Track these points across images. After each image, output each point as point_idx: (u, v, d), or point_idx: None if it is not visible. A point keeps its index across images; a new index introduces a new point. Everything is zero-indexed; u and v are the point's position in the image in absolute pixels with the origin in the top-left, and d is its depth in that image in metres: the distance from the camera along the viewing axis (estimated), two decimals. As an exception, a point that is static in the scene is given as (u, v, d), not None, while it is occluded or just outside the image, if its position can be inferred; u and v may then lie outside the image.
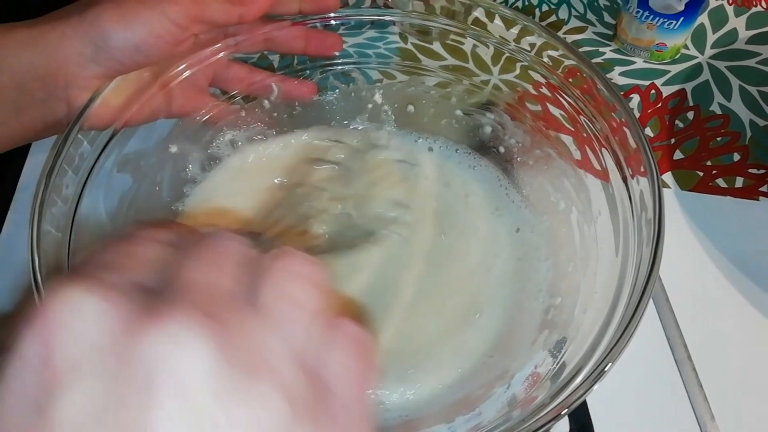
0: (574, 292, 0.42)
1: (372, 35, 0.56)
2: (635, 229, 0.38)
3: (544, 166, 0.48)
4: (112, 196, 0.44)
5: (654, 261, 0.35)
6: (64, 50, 0.40)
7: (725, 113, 0.59)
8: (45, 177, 0.38)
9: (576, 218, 0.45)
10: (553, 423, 0.32)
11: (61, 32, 0.40)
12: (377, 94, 0.53)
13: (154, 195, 0.47)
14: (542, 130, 0.48)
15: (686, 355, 0.46)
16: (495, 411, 0.38)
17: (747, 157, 0.56)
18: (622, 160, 0.41)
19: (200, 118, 0.49)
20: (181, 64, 0.45)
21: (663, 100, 0.61)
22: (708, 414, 0.44)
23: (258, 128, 0.52)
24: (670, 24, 0.59)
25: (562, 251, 0.45)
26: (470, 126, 0.52)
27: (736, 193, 0.55)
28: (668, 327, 0.47)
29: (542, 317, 0.43)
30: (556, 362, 0.39)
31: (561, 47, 0.45)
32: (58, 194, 0.39)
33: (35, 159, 0.56)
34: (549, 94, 0.47)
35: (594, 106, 0.43)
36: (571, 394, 0.32)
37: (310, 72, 0.52)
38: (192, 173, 0.50)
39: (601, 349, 0.34)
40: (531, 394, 0.38)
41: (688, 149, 0.57)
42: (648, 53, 0.62)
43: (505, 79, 0.50)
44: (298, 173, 0.50)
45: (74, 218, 0.39)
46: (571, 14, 0.67)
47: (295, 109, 0.53)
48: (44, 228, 0.37)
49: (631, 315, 0.34)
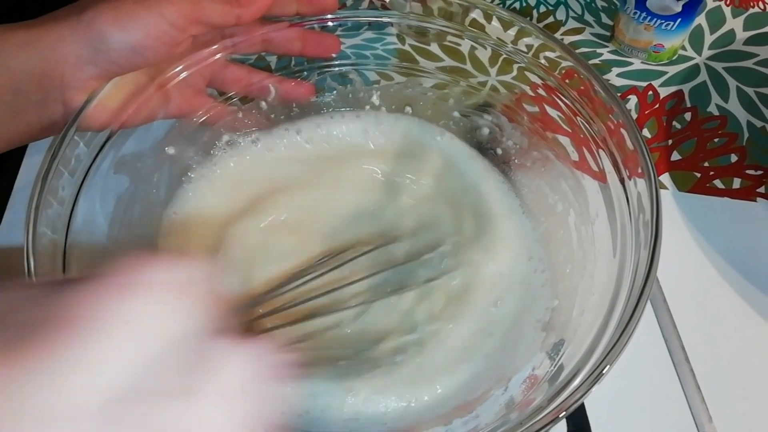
0: (571, 294, 0.42)
1: (369, 36, 0.56)
2: (633, 231, 0.38)
3: (542, 168, 0.48)
4: (109, 198, 0.44)
5: (651, 263, 0.35)
6: (62, 52, 0.40)
7: (723, 114, 0.59)
8: (41, 179, 0.38)
9: (573, 220, 0.45)
10: (552, 425, 0.32)
11: (59, 34, 0.40)
12: (375, 96, 0.53)
13: (152, 197, 0.47)
14: (540, 132, 0.48)
15: (684, 357, 0.46)
16: (493, 413, 0.38)
17: (744, 158, 0.56)
18: (620, 162, 0.41)
19: (197, 119, 0.49)
20: (179, 65, 0.45)
21: (660, 102, 0.61)
22: (705, 415, 0.44)
23: (255, 130, 0.52)
24: (668, 25, 0.59)
25: (559, 253, 0.45)
26: (468, 128, 0.52)
27: (734, 194, 0.55)
28: (666, 328, 0.47)
29: (540, 319, 0.43)
30: (554, 364, 0.39)
31: (558, 49, 0.45)
32: (54, 196, 0.39)
33: (32, 160, 0.56)
34: (546, 95, 0.47)
35: (591, 108, 0.43)
36: (570, 397, 0.33)
37: (307, 73, 0.52)
38: (189, 175, 0.50)
39: (599, 351, 0.34)
40: (528, 397, 0.38)
41: (685, 150, 0.57)
42: (645, 54, 0.62)
43: (503, 81, 0.50)
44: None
45: (70, 220, 0.39)
46: (568, 15, 0.67)
47: (292, 111, 0.52)
48: (40, 230, 0.36)
49: (629, 317, 0.34)
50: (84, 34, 0.40)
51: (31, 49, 0.40)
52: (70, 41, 0.40)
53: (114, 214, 0.44)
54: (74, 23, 0.40)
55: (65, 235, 0.39)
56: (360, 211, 0.49)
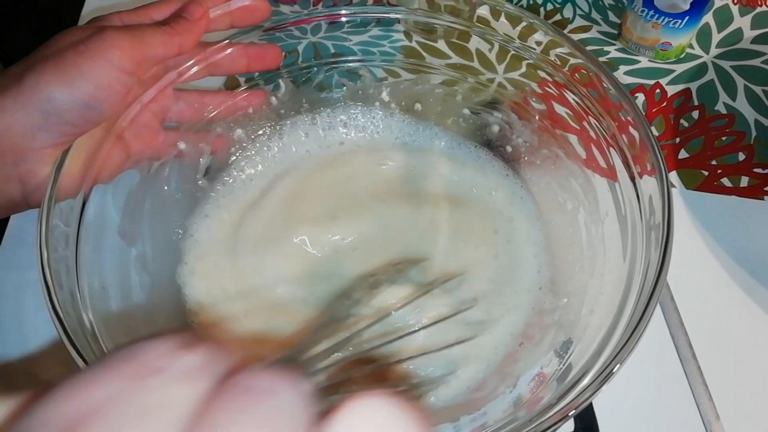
0: (580, 292, 0.42)
1: (377, 33, 0.56)
2: (643, 231, 0.38)
3: (552, 166, 0.48)
4: (120, 192, 0.44)
5: (662, 265, 0.35)
6: (6, 124, 0.36)
7: (730, 113, 0.59)
8: (54, 171, 0.38)
9: (583, 219, 0.45)
10: (561, 423, 0.32)
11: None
12: (384, 92, 0.53)
13: (162, 192, 0.47)
14: (549, 129, 0.48)
15: (691, 354, 0.46)
16: (501, 411, 0.38)
17: (752, 157, 0.56)
18: (630, 159, 0.41)
19: (207, 114, 0.49)
20: (131, 110, 0.43)
21: (668, 100, 0.60)
22: (713, 413, 0.44)
23: (265, 125, 0.52)
24: (675, 23, 0.59)
25: (568, 251, 0.45)
26: (477, 125, 0.52)
27: (741, 193, 0.55)
28: (673, 326, 0.47)
29: (549, 317, 0.43)
30: (562, 363, 0.39)
31: (567, 45, 0.45)
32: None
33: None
34: (555, 92, 0.47)
35: (601, 105, 0.43)
36: (579, 395, 0.33)
37: (316, 69, 0.52)
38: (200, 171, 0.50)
39: (608, 350, 0.34)
40: (537, 395, 0.38)
41: (693, 148, 0.57)
42: (653, 52, 0.62)
43: (511, 78, 0.50)
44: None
45: (82, 213, 0.39)
46: (575, 13, 0.67)
47: (302, 107, 0.52)
48: (53, 222, 0.36)
49: (640, 317, 0.34)
50: (29, 101, 0.36)
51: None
52: (14, 111, 0.36)
53: (126, 207, 0.44)
54: (15, 91, 0.36)
55: (77, 227, 0.39)
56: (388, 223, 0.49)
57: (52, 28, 0.40)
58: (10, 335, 0.47)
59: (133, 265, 0.43)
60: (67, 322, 0.33)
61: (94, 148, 0.41)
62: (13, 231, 0.52)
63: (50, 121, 0.37)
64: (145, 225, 0.45)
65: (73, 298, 0.36)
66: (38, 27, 0.74)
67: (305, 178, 0.50)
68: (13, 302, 0.49)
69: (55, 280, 0.34)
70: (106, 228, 0.42)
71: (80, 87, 0.37)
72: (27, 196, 0.39)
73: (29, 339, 0.47)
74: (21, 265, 0.50)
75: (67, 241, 0.38)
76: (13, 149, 0.37)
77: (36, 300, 0.34)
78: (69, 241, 0.38)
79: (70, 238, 0.38)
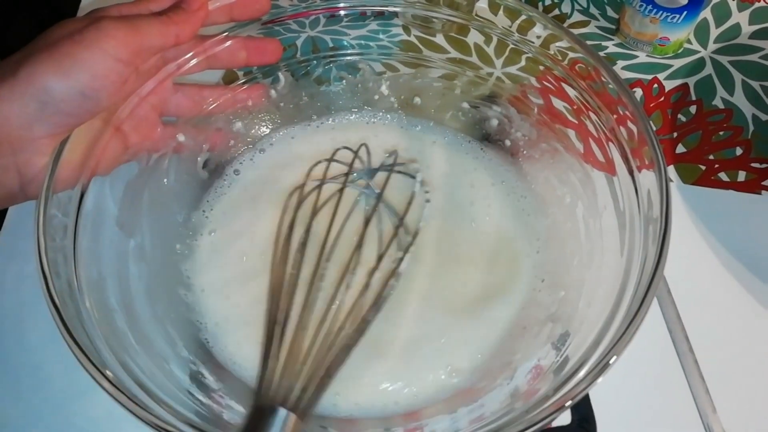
0: (578, 285, 0.42)
1: (375, 27, 0.56)
2: (641, 224, 0.38)
3: (551, 160, 0.48)
4: (119, 183, 0.43)
5: (660, 259, 0.35)
6: (3, 115, 0.36)
7: (728, 108, 0.59)
8: (52, 161, 0.38)
9: (582, 212, 0.45)
10: (557, 414, 0.32)
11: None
12: (384, 86, 0.53)
13: (161, 183, 0.47)
14: (548, 123, 0.48)
15: (688, 348, 0.46)
16: (498, 402, 0.38)
17: (749, 151, 0.57)
18: (629, 153, 0.41)
19: (207, 107, 0.49)
20: (129, 102, 0.43)
21: (666, 94, 0.61)
22: (710, 406, 0.44)
23: (265, 117, 0.52)
24: (674, 18, 0.59)
25: (567, 245, 0.45)
26: (477, 119, 0.52)
27: (739, 187, 0.55)
28: (670, 319, 0.48)
29: (547, 310, 0.43)
30: (559, 355, 0.39)
31: (567, 38, 0.44)
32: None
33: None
34: (554, 85, 0.47)
35: (600, 98, 0.43)
36: (575, 387, 0.33)
37: (315, 63, 0.52)
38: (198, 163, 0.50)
39: (605, 342, 0.34)
40: (534, 387, 0.38)
41: (690, 143, 0.57)
42: (651, 47, 0.62)
43: (509, 72, 0.50)
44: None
45: (81, 204, 0.39)
46: (574, 8, 0.67)
47: (302, 100, 0.52)
48: (50, 212, 0.36)
49: (636, 309, 0.34)
50: (25, 91, 0.36)
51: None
52: (10, 102, 0.36)
53: (124, 199, 0.44)
54: (11, 82, 0.36)
55: (75, 217, 0.39)
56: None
57: (50, 21, 0.40)
58: (8, 326, 0.48)
59: (131, 255, 0.43)
60: (63, 311, 0.33)
61: (93, 139, 0.41)
62: (12, 223, 0.52)
63: (47, 111, 0.37)
64: (144, 216, 0.45)
65: (70, 287, 0.36)
66: (37, 19, 0.73)
67: (304, 170, 0.50)
68: (11, 294, 0.49)
69: (52, 269, 0.34)
70: (104, 219, 0.42)
71: (75, 76, 0.36)
72: (24, 187, 0.39)
73: (28, 330, 0.47)
74: (19, 257, 0.50)
75: (65, 231, 0.38)
76: (10, 140, 0.37)
77: (34, 291, 0.34)
78: (67, 232, 0.38)
79: (68, 228, 0.38)
